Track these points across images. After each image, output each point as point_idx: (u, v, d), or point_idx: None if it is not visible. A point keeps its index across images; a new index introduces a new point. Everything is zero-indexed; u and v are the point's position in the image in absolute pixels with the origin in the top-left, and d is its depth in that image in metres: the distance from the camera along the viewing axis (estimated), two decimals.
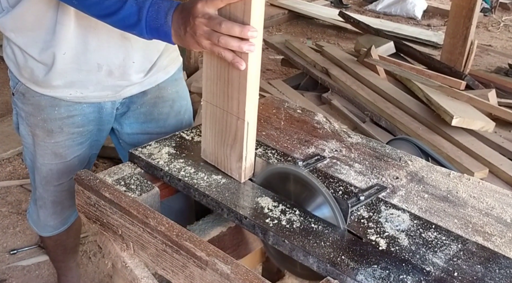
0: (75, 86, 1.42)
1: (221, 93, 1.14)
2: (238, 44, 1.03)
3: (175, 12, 1.11)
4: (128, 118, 1.57)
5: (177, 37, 1.11)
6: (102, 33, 1.35)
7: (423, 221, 1.13)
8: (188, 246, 1.03)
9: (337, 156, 1.36)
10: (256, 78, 1.10)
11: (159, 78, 1.54)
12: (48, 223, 1.66)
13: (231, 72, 1.10)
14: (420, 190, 1.24)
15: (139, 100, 1.54)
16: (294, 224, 1.09)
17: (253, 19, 1.02)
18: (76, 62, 1.37)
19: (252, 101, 1.11)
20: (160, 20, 1.11)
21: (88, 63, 1.38)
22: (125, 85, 1.47)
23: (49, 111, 1.45)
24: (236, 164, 1.19)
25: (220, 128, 1.18)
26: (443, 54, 3.94)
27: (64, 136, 1.49)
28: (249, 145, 1.16)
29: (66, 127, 1.48)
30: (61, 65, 1.36)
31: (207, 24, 1.04)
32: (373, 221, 1.11)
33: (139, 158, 1.31)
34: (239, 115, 1.13)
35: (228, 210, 1.14)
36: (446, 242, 1.07)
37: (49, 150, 1.51)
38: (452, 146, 2.91)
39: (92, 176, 1.23)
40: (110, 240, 1.24)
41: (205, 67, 1.16)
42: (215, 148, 1.22)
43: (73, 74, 1.39)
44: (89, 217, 1.27)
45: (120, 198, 1.16)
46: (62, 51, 1.34)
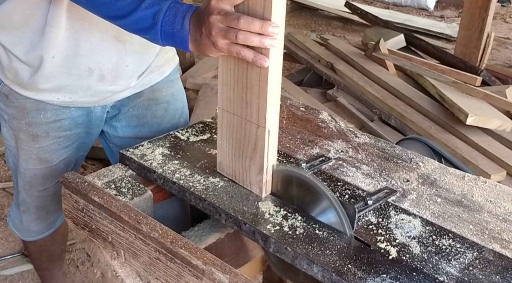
0: (63, 91, 1.42)
1: (239, 99, 1.12)
2: (259, 39, 1.00)
3: (192, 16, 1.08)
4: (120, 121, 1.57)
5: (193, 43, 1.09)
6: (95, 37, 1.34)
7: (435, 227, 1.13)
8: (183, 254, 1.03)
9: (343, 157, 1.37)
10: (277, 81, 1.07)
11: (153, 79, 1.53)
12: (32, 228, 1.67)
13: (250, 76, 1.08)
14: (432, 193, 1.24)
15: (131, 102, 1.54)
16: (297, 231, 1.09)
17: (275, 14, 1.00)
18: (66, 66, 1.37)
19: (273, 107, 1.09)
20: (177, 25, 1.09)
21: (79, 67, 1.38)
22: (117, 90, 1.47)
23: (34, 115, 1.45)
24: (256, 177, 1.16)
25: (238, 137, 1.16)
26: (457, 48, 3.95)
27: (49, 141, 1.49)
28: (270, 156, 1.14)
29: (52, 132, 1.48)
30: (49, 69, 1.36)
31: (223, 21, 1.02)
32: (382, 227, 1.11)
33: (130, 159, 1.31)
34: (259, 122, 1.11)
35: (226, 215, 1.14)
36: (461, 250, 1.07)
37: (33, 155, 1.51)
38: (467, 147, 2.91)
39: (80, 179, 1.23)
40: (99, 247, 1.24)
41: (221, 71, 1.13)
42: (233, 160, 1.20)
43: (61, 78, 1.39)
44: (77, 222, 1.27)
45: (110, 203, 1.16)
46: (51, 54, 1.34)
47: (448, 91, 3.22)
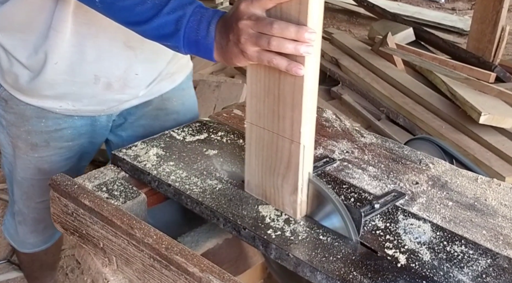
0: (66, 98, 1.40)
1: (270, 112, 1.08)
2: (294, 45, 0.96)
3: (219, 22, 1.04)
4: (125, 130, 1.56)
5: (219, 51, 1.05)
6: (103, 43, 1.32)
7: (447, 233, 1.13)
8: (179, 261, 1.03)
9: (348, 158, 1.37)
10: (313, 91, 1.03)
11: (163, 87, 1.51)
12: (28, 240, 1.66)
13: (282, 86, 1.04)
14: (443, 197, 1.24)
15: (139, 111, 1.52)
16: (299, 236, 1.09)
17: (311, 19, 0.96)
18: (70, 73, 1.35)
19: (309, 120, 1.05)
20: (202, 32, 1.05)
21: (84, 74, 1.35)
22: (124, 100, 1.45)
23: (35, 123, 1.43)
24: (289, 198, 1.13)
25: (269, 154, 1.12)
26: (469, 42, 3.95)
27: (50, 151, 1.47)
28: (305, 174, 1.10)
29: (53, 142, 1.46)
30: (51, 75, 1.34)
31: (254, 27, 0.98)
32: (389, 232, 1.12)
33: (123, 160, 1.32)
34: (292, 137, 1.07)
35: (225, 220, 1.14)
36: (474, 256, 1.07)
37: (32, 165, 1.49)
38: (480, 147, 2.91)
39: (69, 181, 1.23)
40: (90, 254, 1.24)
41: (250, 83, 1.09)
42: (263, 179, 1.16)
43: (65, 86, 1.37)
44: (66, 227, 1.27)
45: (101, 206, 1.16)
46: (54, 61, 1.31)
47: (460, 88, 3.22)
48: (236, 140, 1.40)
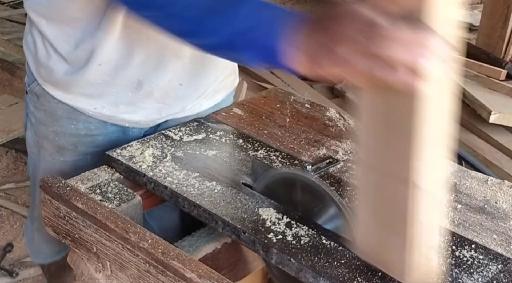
0: (103, 100, 1.37)
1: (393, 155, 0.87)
2: None
3: (307, 25, 0.85)
4: None
5: (306, 61, 0.85)
6: (153, 50, 1.30)
7: (455, 237, 1.13)
8: (176, 266, 1.03)
9: (352, 159, 1.37)
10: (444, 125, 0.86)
11: (203, 106, 1.49)
12: (42, 250, 1.64)
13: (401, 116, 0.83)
14: (451, 199, 1.24)
15: (170, 123, 1.49)
16: (301, 240, 1.09)
17: None
18: (112, 76, 1.33)
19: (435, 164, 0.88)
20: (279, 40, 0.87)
21: (127, 78, 1.34)
22: (165, 113, 1.43)
23: (65, 124, 1.40)
24: None
25: None
26: (479, 38, 3.94)
27: (76, 156, 1.45)
28: None
29: (82, 146, 1.43)
30: (92, 76, 1.32)
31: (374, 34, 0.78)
32: None
33: (117, 161, 1.32)
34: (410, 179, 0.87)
35: (224, 223, 1.14)
36: (484, 262, 1.07)
37: (55, 168, 1.45)
38: (490, 147, 2.91)
39: (61, 183, 1.23)
40: (83, 259, 1.24)
41: (365, 111, 0.87)
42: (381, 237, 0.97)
43: (104, 86, 1.35)
44: (58, 231, 1.27)
45: (95, 209, 1.16)
46: (98, 62, 1.30)
47: (469, 85, 3.22)
48: (235, 140, 1.40)
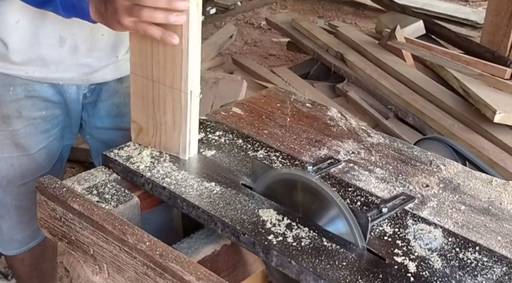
0: (33, 64, 1.43)
1: None
2: (165, 15, 1.08)
3: None
4: (98, 110, 1.57)
5: (99, 16, 1.19)
6: None
7: (459, 239, 1.13)
8: (174, 269, 1.03)
9: (354, 159, 1.37)
10: (196, 60, 1.19)
11: None
12: (14, 236, 1.64)
13: (165, 55, 1.20)
14: (455, 200, 1.25)
15: (112, 88, 1.54)
16: (302, 242, 1.09)
17: None
18: (34, 35, 1.38)
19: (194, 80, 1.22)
20: None
21: (48, 35, 1.39)
22: (95, 67, 1.47)
23: (3, 92, 1.45)
24: None
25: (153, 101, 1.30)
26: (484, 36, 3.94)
27: (23, 122, 1.48)
28: None
29: (25, 111, 1.47)
30: (14, 39, 1.37)
31: None
32: (398, 238, 1.12)
33: (115, 161, 1.32)
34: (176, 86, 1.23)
35: (223, 225, 1.14)
36: (488, 264, 1.07)
37: (7, 140, 1.49)
38: (494, 148, 2.91)
39: (57, 184, 1.23)
40: (79, 261, 1.24)
41: (132, 53, 1.26)
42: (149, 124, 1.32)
43: (30, 50, 1.40)
44: (54, 233, 1.27)
45: (91, 211, 1.16)
46: (15, 19, 1.35)
47: (474, 84, 3.22)
48: (235, 140, 1.40)
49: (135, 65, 1.27)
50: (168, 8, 1.09)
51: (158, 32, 1.12)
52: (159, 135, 1.31)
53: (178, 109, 1.25)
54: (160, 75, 1.23)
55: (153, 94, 1.27)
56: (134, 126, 1.35)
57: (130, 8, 1.11)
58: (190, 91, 1.22)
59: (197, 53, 1.19)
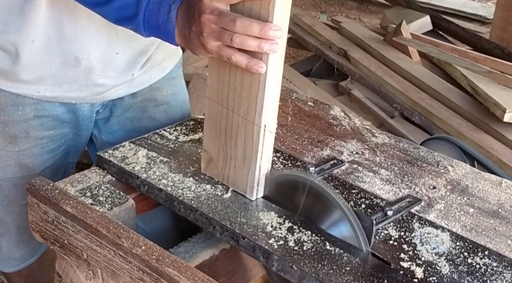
0: (44, 83, 1.41)
1: None
2: (257, 43, 1.04)
3: (181, 7, 1.12)
4: (111, 126, 1.56)
5: (181, 38, 1.14)
6: (82, 17, 1.33)
7: (467, 243, 1.13)
8: (171, 274, 1.04)
9: (358, 160, 1.37)
10: (276, 91, 1.12)
11: (153, 76, 1.53)
12: (13, 255, 1.63)
13: (242, 83, 1.13)
14: (463, 203, 1.25)
15: (126, 103, 1.53)
16: (304, 246, 1.09)
17: (277, 16, 1.03)
18: (48, 53, 1.36)
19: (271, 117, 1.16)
20: (162, 17, 1.13)
21: (63, 54, 1.37)
22: (109, 86, 1.46)
23: (11, 112, 1.43)
24: None
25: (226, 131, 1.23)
26: (493, 32, 3.95)
27: (30, 142, 1.47)
28: None
29: (33, 131, 1.46)
30: (28, 56, 1.35)
31: (216, 22, 1.06)
32: (404, 242, 1.12)
33: (109, 162, 1.32)
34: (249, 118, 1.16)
35: (222, 228, 1.14)
36: (498, 269, 1.07)
37: (12, 161, 1.48)
38: (504, 148, 2.91)
39: (49, 186, 1.23)
40: (72, 266, 1.24)
41: (210, 76, 1.20)
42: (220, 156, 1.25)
43: (43, 68, 1.38)
44: (46, 237, 1.27)
45: (85, 213, 1.16)
46: (30, 38, 1.33)
47: (482, 82, 3.22)
48: None
49: (212, 90, 1.21)
50: (259, 36, 1.04)
51: (243, 60, 1.07)
52: (228, 168, 1.23)
53: (250, 143, 1.17)
54: (235, 103, 1.16)
55: (227, 123, 1.20)
56: (204, 155, 1.27)
57: (218, 33, 1.06)
58: (264, 125, 1.14)
59: (276, 85, 1.12)
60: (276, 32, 1.03)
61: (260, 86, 1.10)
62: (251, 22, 1.03)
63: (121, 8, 1.16)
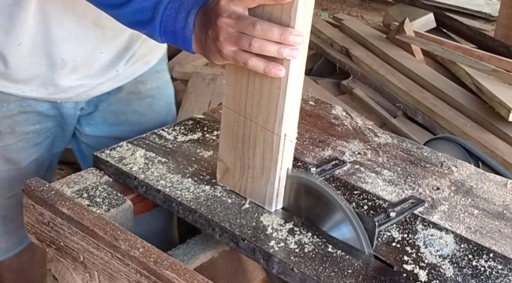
0: (31, 84, 1.42)
1: None
2: (277, 48, 1.01)
3: (199, 13, 1.10)
4: (95, 119, 1.57)
5: (198, 45, 1.11)
6: (70, 21, 1.34)
7: (472, 245, 1.13)
8: (169, 276, 1.04)
9: (360, 160, 1.37)
10: (296, 98, 1.10)
11: (137, 70, 1.54)
12: (0, 245, 1.66)
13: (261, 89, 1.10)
14: (468, 204, 1.25)
15: (111, 97, 1.54)
16: (305, 248, 1.09)
17: (298, 20, 1.01)
18: (34, 55, 1.37)
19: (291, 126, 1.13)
20: (179, 22, 1.11)
21: (50, 57, 1.38)
22: (94, 85, 1.47)
23: None
24: None
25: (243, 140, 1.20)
26: (498, 29, 3.95)
27: (15, 138, 1.49)
28: None
29: (18, 126, 1.48)
30: (15, 59, 1.36)
31: (234, 25, 1.03)
32: (407, 244, 1.12)
33: (106, 163, 1.32)
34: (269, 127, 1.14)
35: (221, 230, 1.14)
36: (503, 272, 1.07)
37: None
38: (509, 148, 2.91)
39: (45, 187, 1.23)
40: (68, 268, 1.24)
41: (227, 85, 1.17)
42: None
43: (29, 70, 1.39)
44: (41, 239, 1.27)
45: (81, 215, 1.16)
46: (17, 41, 1.34)
47: (487, 81, 3.22)
48: None
49: (229, 98, 1.17)
50: (279, 41, 1.00)
51: (261, 64, 1.03)
52: (246, 179, 1.20)
53: (269, 153, 1.14)
54: (253, 112, 1.13)
55: (244, 132, 1.16)
56: (220, 165, 1.24)
57: (235, 37, 1.03)
58: (284, 134, 1.11)
59: (297, 92, 1.09)
60: (297, 37, 1.01)
61: (281, 94, 1.07)
62: (271, 27, 1.00)
63: (137, 11, 1.14)
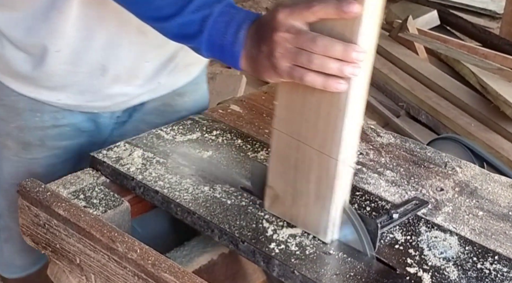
0: (66, 91, 1.39)
1: None
2: (339, 66, 0.96)
3: (251, 27, 1.05)
4: (126, 128, 1.53)
5: (247, 61, 1.06)
6: (113, 27, 1.31)
7: (477, 247, 1.13)
8: (167, 279, 1.04)
9: (362, 161, 1.37)
10: (359, 120, 1.05)
11: (178, 81, 1.51)
12: (14, 262, 1.63)
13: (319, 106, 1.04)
14: (472, 205, 1.25)
15: (146, 106, 1.51)
16: (306, 250, 1.09)
17: (362, 36, 0.96)
18: (73, 63, 1.33)
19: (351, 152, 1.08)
20: (229, 37, 1.06)
21: (90, 64, 1.34)
22: (134, 95, 1.44)
23: (28, 117, 1.41)
24: None
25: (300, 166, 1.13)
26: (503, 27, 3.95)
27: (44, 152, 1.45)
28: None
29: (49, 141, 1.44)
30: (51, 66, 1.33)
31: (293, 41, 0.98)
32: (410, 246, 1.12)
33: (103, 163, 1.32)
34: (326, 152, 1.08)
35: (221, 232, 1.14)
36: (508, 275, 1.07)
37: (23, 168, 1.46)
38: None
39: (41, 188, 1.23)
40: (64, 271, 1.24)
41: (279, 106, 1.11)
42: None
43: (66, 77, 1.36)
44: (37, 241, 1.27)
45: (78, 217, 1.16)
46: (56, 47, 1.30)
47: (492, 80, 3.22)
48: (233, 140, 1.40)
49: (280, 120, 1.10)
50: (341, 58, 0.96)
51: (319, 79, 0.97)
52: (298, 207, 1.13)
53: (325, 179, 1.07)
54: (308, 135, 1.06)
55: (297, 157, 1.09)
56: (269, 192, 1.17)
57: (293, 53, 0.97)
58: (343, 160, 1.05)
59: (358, 113, 1.03)
60: (360, 54, 0.96)
61: (340, 115, 1.01)
62: (333, 42, 0.95)
63: (184, 25, 1.10)
